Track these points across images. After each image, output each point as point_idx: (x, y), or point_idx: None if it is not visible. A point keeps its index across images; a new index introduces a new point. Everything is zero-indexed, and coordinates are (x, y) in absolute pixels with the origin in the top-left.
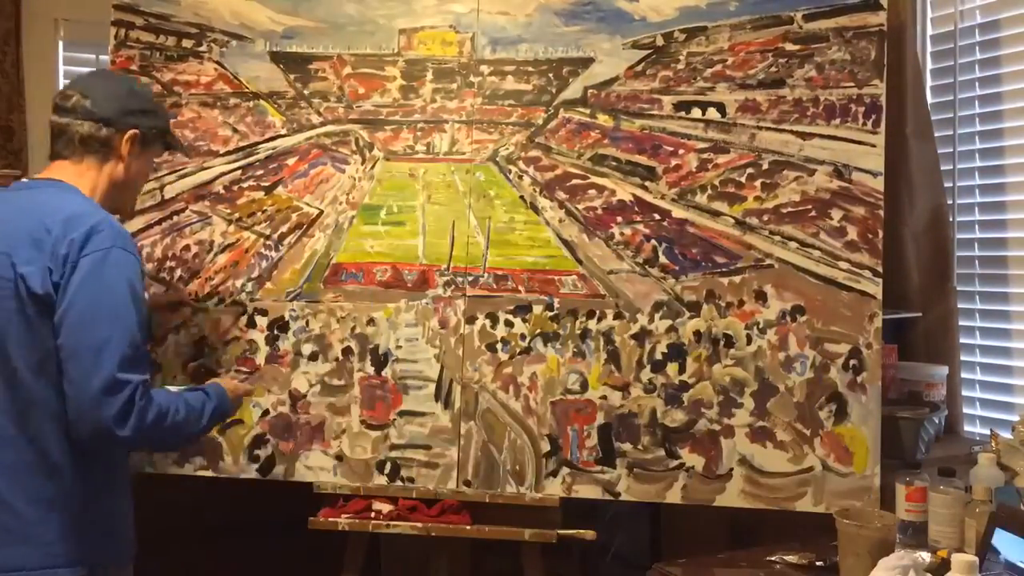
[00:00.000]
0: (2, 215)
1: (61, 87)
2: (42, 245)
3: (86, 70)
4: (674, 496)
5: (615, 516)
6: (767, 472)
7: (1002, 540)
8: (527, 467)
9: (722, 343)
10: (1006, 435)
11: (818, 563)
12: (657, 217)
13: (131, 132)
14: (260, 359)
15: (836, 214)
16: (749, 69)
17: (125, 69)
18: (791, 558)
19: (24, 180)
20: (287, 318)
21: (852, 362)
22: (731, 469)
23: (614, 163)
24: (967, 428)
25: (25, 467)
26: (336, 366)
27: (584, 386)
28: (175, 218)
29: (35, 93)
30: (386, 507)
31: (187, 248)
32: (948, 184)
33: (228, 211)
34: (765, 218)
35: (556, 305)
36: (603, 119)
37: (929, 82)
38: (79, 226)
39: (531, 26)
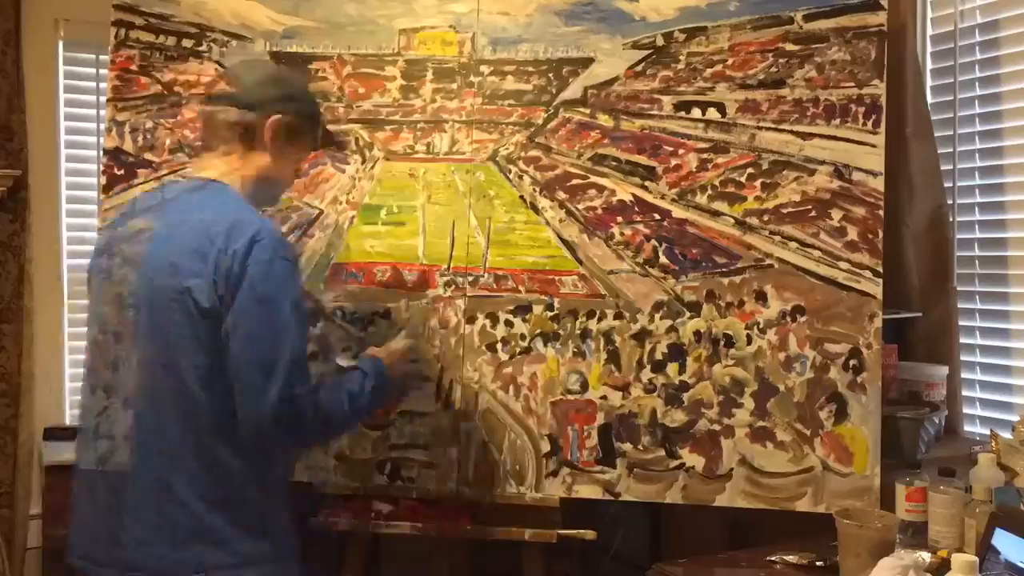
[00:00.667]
0: (168, 221)
1: (61, 87)
2: (207, 257)
3: (86, 70)
4: (674, 496)
5: (615, 516)
6: (767, 472)
7: (1002, 540)
8: (527, 467)
9: (722, 343)
10: (1006, 435)
11: (818, 563)
12: (657, 217)
13: (274, 118)
14: None
15: (836, 214)
16: (749, 69)
17: (125, 69)
18: (791, 558)
19: (177, 180)
20: None
21: (852, 362)
22: (731, 469)
23: (614, 163)
24: (967, 428)
25: (198, 472)
26: (336, 366)
27: (584, 386)
28: None
29: (35, 93)
30: (386, 507)
31: None
32: (948, 184)
33: None
34: (765, 218)
35: (556, 305)
36: (603, 119)
37: (929, 82)
38: (240, 237)
39: (531, 26)
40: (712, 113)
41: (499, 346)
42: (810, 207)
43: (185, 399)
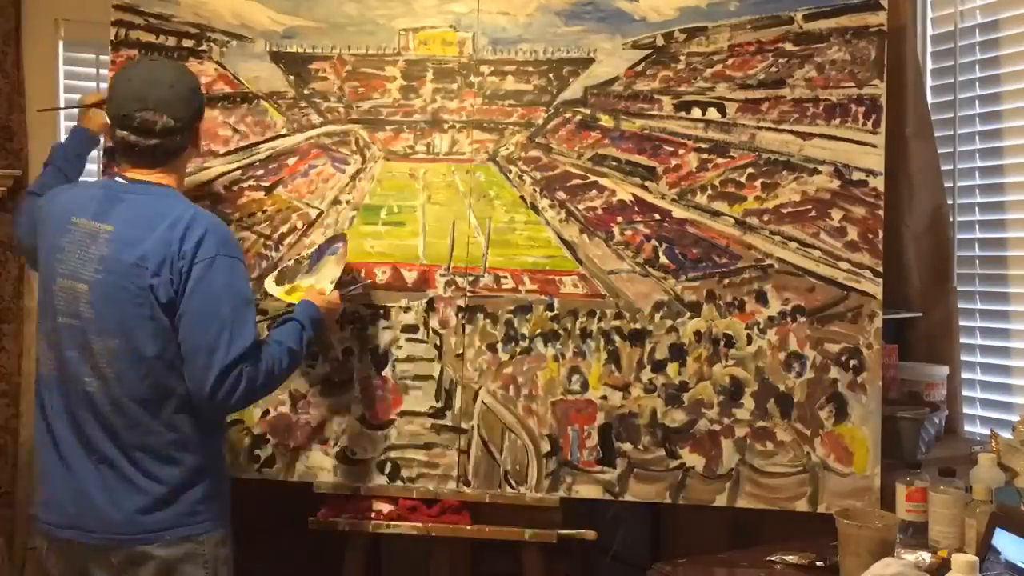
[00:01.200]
0: (129, 221)
1: (61, 87)
2: (165, 258)
3: (86, 70)
4: (674, 496)
5: (615, 516)
6: (767, 472)
7: (1002, 540)
8: (527, 467)
9: (722, 343)
10: (1006, 435)
11: (818, 563)
12: (657, 217)
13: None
14: None
15: (836, 214)
16: (749, 69)
17: None
18: (791, 558)
19: (122, 182)
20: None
21: (852, 362)
22: (731, 469)
23: (614, 163)
24: (967, 428)
25: (165, 446)
26: (336, 366)
27: (584, 386)
28: None
29: (35, 93)
30: (386, 507)
31: None
32: (948, 184)
33: (228, 211)
34: (765, 218)
35: (556, 305)
36: (603, 119)
37: (929, 82)
38: (190, 238)
39: (531, 26)
40: (712, 113)
41: (499, 346)
42: (810, 207)
43: (152, 380)
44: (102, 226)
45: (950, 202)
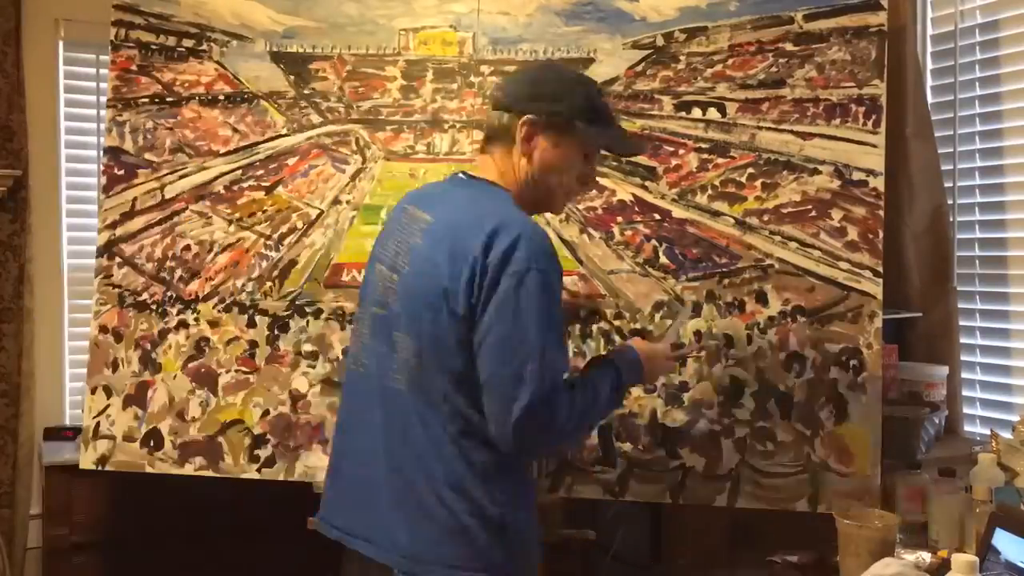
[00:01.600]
0: (443, 220)
1: (61, 87)
2: (467, 260)
3: (86, 70)
4: (674, 496)
5: (615, 516)
6: (767, 472)
7: (1002, 540)
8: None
9: (722, 343)
10: (1006, 435)
11: (818, 563)
12: (657, 217)
13: (526, 117)
14: (260, 359)
15: (836, 214)
16: (749, 69)
17: (125, 69)
18: (791, 558)
19: (458, 175)
20: (287, 318)
21: (852, 362)
22: (731, 469)
23: (614, 163)
24: (967, 428)
25: (456, 476)
26: (336, 366)
27: None
28: (175, 218)
29: (35, 93)
30: None
31: (187, 248)
32: (948, 184)
33: (228, 211)
34: (765, 218)
35: None
36: None
37: (929, 82)
38: (500, 243)
39: (531, 26)
40: (712, 113)
41: None
42: (810, 207)
43: (440, 402)
44: (424, 215)
45: (950, 202)
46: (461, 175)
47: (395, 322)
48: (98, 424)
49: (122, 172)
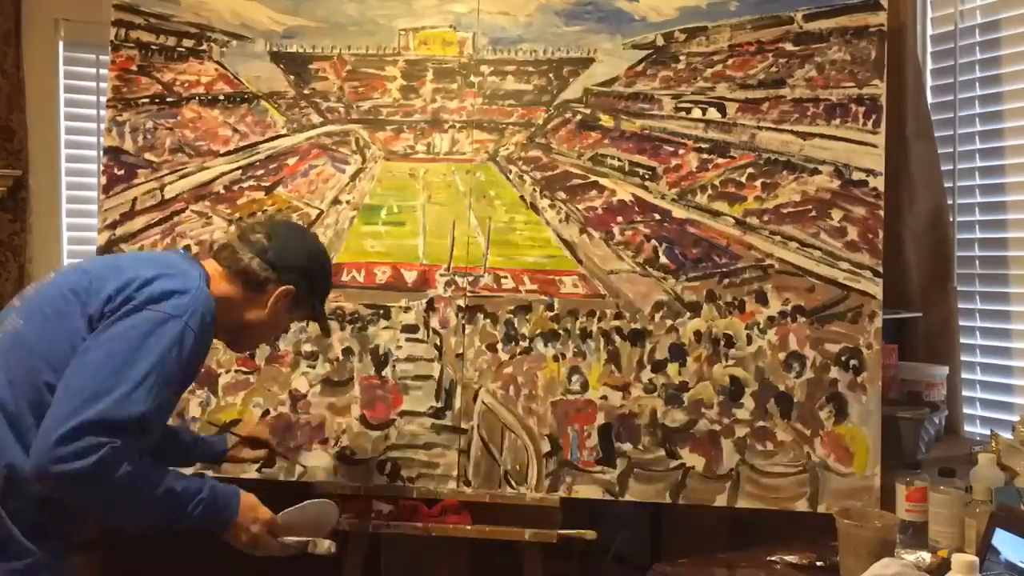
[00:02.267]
0: (121, 260)
1: (62, 87)
2: (116, 283)
3: (86, 70)
4: (674, 496)
5: (615, 516)
6: (767, 472)
7: (1002, 540)
8: (527, 467)
9: (722, 343)
10: (1006, 435)
11: (818, 563)
12: (657, 217)
13: (288, 289)
14: (260, 359)
15: (836, 214)
16: (749, 69)
17: (125, 69)
18: (791, 558)
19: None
20: None
21: (852, 362)
22: (731, 469)
23: (614, 163)
24: (967, 428)
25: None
26: (336, 366)
27: (584, 386)
28: (175, 218)
29: (35, 93)
30: (386, 507)
31: (187, 248)
32: (948, 184)
33: (228, 211)
34: (765, 218)
35: (556, 305)
36: (603, 119)
37: (929, 82)
38: (163, 287)
39: (531, 26)
40: (712, 113)
41: (499, 346)
42: (810, 207)
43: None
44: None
45: (950, 202)
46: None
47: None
48: None
49: (122, 172)
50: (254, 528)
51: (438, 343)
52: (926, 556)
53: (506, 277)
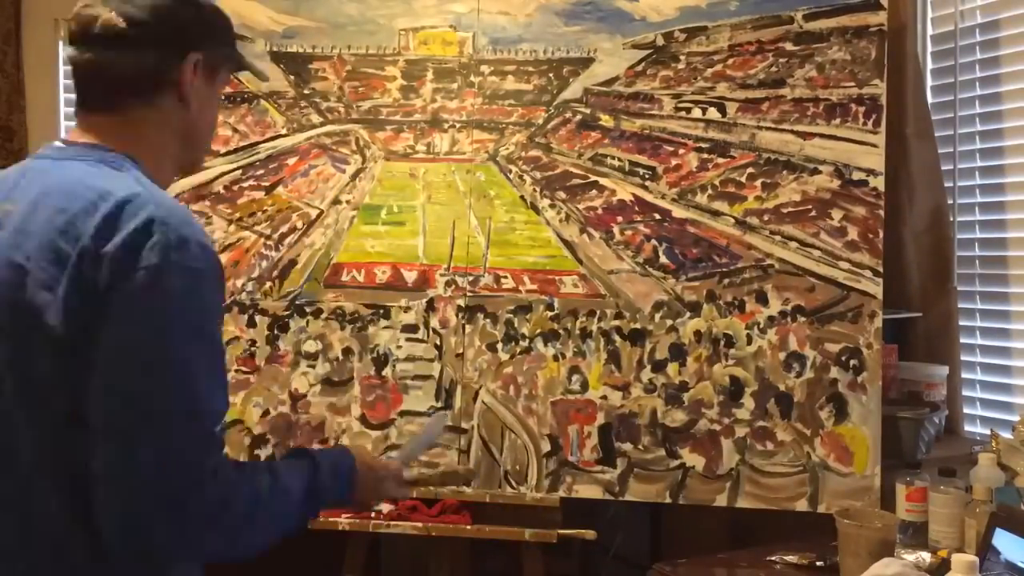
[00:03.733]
0: (23, 206)
1: (61, 87)
2: (66, 259)
3: None
4: (674, 496)
5: (615, 516)
6: (767, 472)
7: (1002, 540)
8: (527, 467)
9: (722, 343)
10: (1006, 435)
11: (818, 563)
12: (657, 217)
13: (190, 58)
14: (260, 359)
15: (836, 214)
16: (749, 69)
17: None
18: (791, 558)
19: (56, 145)
20: (287, 318)
21: (852, 362)
22: (731, 469)
23: (614, 163)
24: (967, 428)
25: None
26: (336, 366)
27: (584, 386)
28: None
29: (35, 93)
30: (386, 507)
31: None
32: (948, 184)
33: (228, 211)
34: (765, 218)
35: (556, 305)
36: (603, 119)
37: (929, 82)
38: (119, 229)
39: (531, 26)
40: (712, 113)
41: (499, 346)
42: (810, 207)
43: (52, 447)
44: (2, 206)
45: (950, 202)
46: (56, 145)
47: None
48: None
49: None
50: (382, 491)
51: (438, 343)
52: (926, 556)
53: (506, 277)
